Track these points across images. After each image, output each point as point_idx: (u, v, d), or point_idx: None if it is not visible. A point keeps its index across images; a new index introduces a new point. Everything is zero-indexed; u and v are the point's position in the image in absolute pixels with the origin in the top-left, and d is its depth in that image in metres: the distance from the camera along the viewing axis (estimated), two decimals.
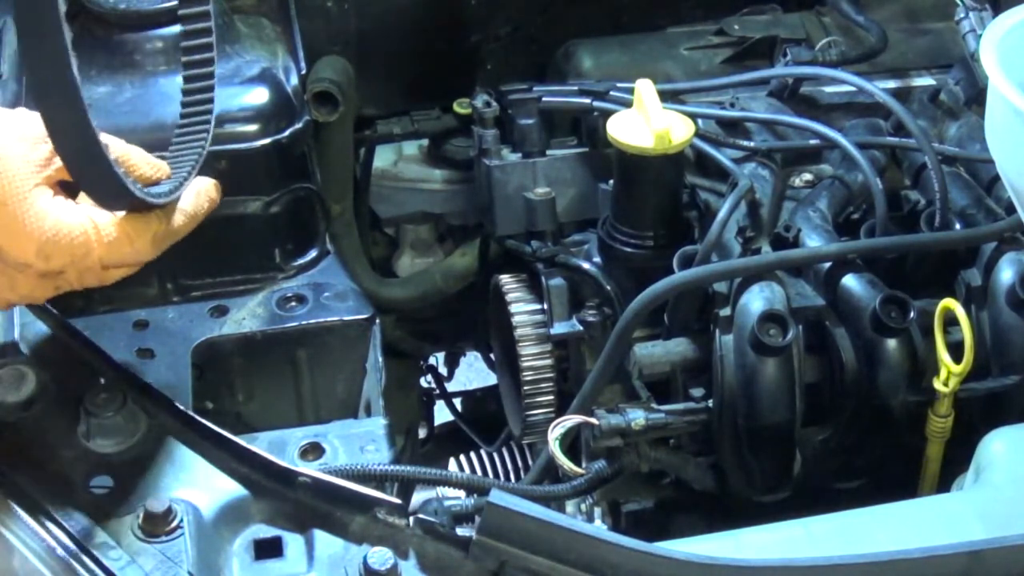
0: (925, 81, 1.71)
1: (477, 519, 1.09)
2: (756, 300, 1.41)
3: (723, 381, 1.41)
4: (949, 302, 1.35)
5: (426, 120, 1.83)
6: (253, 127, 1.52)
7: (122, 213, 1.15)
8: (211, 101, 1.29)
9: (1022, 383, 1.41)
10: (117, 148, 1.18)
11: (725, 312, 1.42)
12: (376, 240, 1.92)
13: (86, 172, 1.09)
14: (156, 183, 1.21)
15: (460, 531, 1.12)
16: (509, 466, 2.15)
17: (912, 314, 1.39)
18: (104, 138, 1.08)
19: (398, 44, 1.80)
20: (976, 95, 1.62)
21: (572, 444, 1.45)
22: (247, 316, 1.49)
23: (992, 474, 1.24)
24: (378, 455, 1.43)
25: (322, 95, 1.68)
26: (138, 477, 1.14)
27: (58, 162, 1.12)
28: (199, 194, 1.24)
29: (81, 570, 1.06)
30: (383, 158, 1.88)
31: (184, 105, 1.29)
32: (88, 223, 1.13)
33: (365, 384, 1.52)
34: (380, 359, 1.51)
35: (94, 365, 1.23)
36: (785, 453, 1.44)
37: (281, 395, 1.50)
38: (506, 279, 1.62)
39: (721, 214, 1.46)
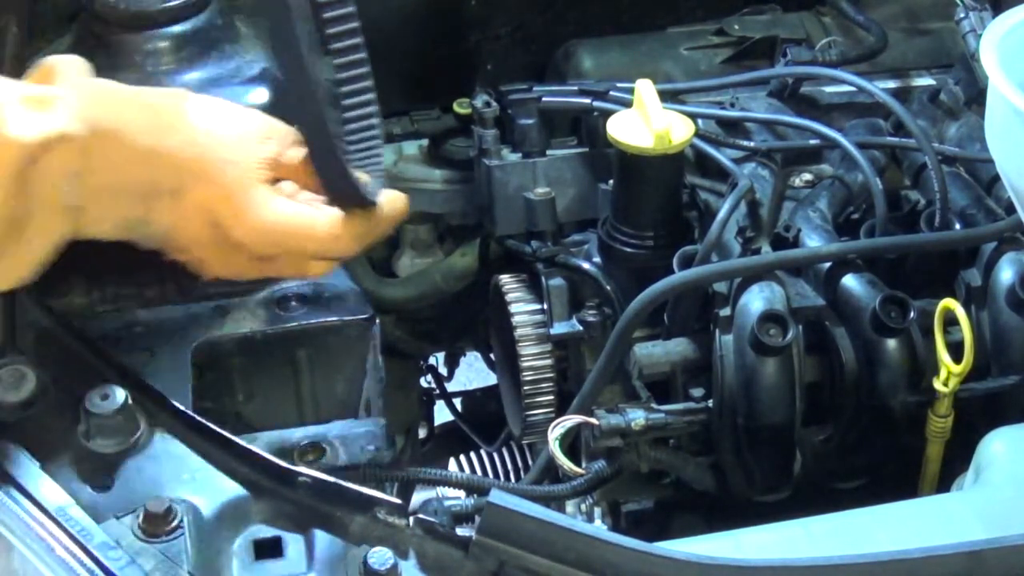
0: (925, 81, 1.71)
1: (477, 519, 1.09)
2: (756, 300, 1.41)
3: (723, 381, 1.41)
4: (949, 302, 1.35)
5: (426, 120, 1.82)
6: None
7: (335, 211, 1.24)
8: (371, 91, 1.32)
9: (1022, 383, 1.41)
10: None
11: (725, 312, 1.42)
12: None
13: (326, 172, 1.22)
14: None
15: (460, 531, 1.12)
16: (509, 466, 2.15)
17: (912, 314, 1.39)
18: None
19: (398, 44, 1.80)
20: (976, 95, 1.62)
21: (572, 444, 1.45)
22: (247, 316, 1.49)
23: (992, 474, 1.24)
24: (378, 455, 1.43)
25: None
26: (138, 477, 1.14)
27: (282, 161, 1.24)
28: (391, 198, 1.31)
29: (81, 570, 1.06)
30: (383, 158, 1.87)
31: (344, 96, 1.31)
32: (305, 219, 1.23)
33: (365, 384, 1.52)
34: (380, 359, 1.51)
35: (94, 365, 1.23)
36: (785, 453, 1.44)
37: (281, 395, 1.50)
38: (506, 279, 1.62)
39: (721, 214, 1.46)
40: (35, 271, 1.15)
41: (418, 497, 1.53)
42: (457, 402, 2.27)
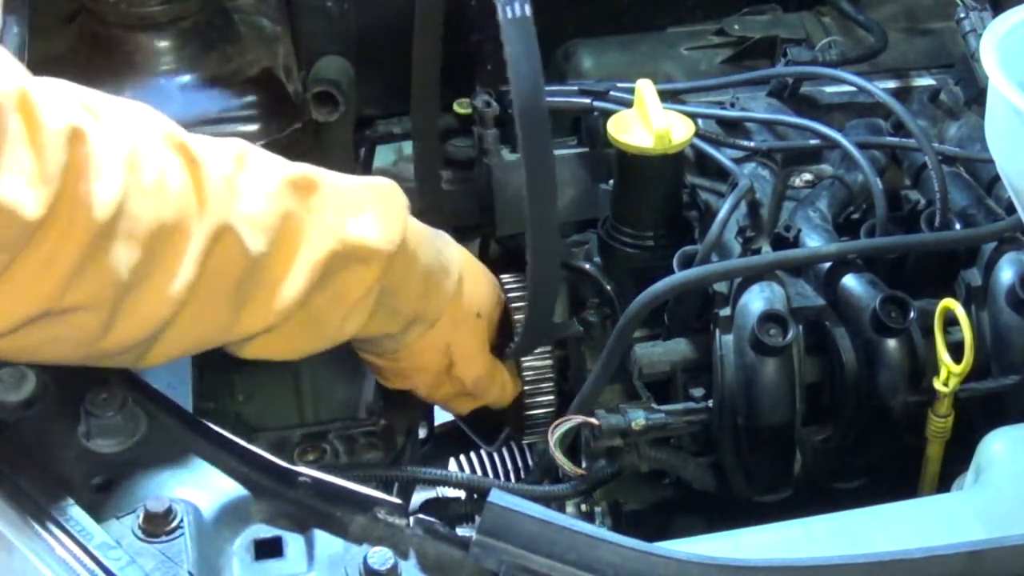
0: (925, 81, 1.71)
1: (477, 519, 1.09)
2: (756, 300, 1.41)
3: (723, 381, 1.41)
4: (949, 302, 1.35)
5: None
6: (253, 127, 1.52)
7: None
8: None
9: (1022, 383, 1.41)
10: None
11: (725, 312, 1.42)
12: None
13: (527, 343, 1.46)
14: None
15: (460, 531, 1.12)
16: (509, 466, 2.15)
17: (912, 314, 1.39)
18: None
19: (398, 44, 1.80)
20: (976, 95, 1.62)
21: (572, 444, 1.46)
22: None
23: (992, 474, 1.24)
24: (378, 455, 1.43)
25: (322, 95, 1.68)
26: (138, 477, 1.14)
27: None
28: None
29: (81, 570, 1.05)
30: (383, 158, 1.87)
31: None
32: (506, 376, 1.50)
33: (365, 384, 1.52)
34: None
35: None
36: (785, 453, 1.44)
37: (281, 395, 1.50)
38: (506, 279, 1.61)
39: (721, 214, 1.46)
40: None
41: (418, 497, 1.53)
42: None
